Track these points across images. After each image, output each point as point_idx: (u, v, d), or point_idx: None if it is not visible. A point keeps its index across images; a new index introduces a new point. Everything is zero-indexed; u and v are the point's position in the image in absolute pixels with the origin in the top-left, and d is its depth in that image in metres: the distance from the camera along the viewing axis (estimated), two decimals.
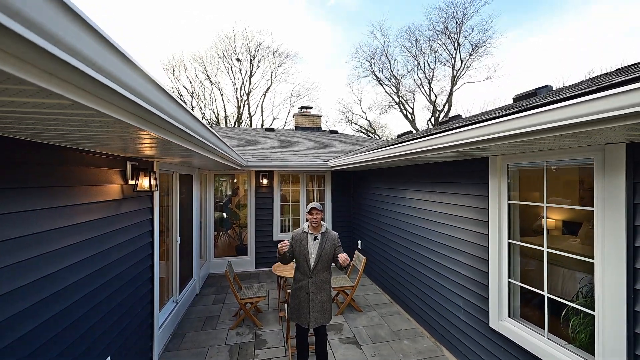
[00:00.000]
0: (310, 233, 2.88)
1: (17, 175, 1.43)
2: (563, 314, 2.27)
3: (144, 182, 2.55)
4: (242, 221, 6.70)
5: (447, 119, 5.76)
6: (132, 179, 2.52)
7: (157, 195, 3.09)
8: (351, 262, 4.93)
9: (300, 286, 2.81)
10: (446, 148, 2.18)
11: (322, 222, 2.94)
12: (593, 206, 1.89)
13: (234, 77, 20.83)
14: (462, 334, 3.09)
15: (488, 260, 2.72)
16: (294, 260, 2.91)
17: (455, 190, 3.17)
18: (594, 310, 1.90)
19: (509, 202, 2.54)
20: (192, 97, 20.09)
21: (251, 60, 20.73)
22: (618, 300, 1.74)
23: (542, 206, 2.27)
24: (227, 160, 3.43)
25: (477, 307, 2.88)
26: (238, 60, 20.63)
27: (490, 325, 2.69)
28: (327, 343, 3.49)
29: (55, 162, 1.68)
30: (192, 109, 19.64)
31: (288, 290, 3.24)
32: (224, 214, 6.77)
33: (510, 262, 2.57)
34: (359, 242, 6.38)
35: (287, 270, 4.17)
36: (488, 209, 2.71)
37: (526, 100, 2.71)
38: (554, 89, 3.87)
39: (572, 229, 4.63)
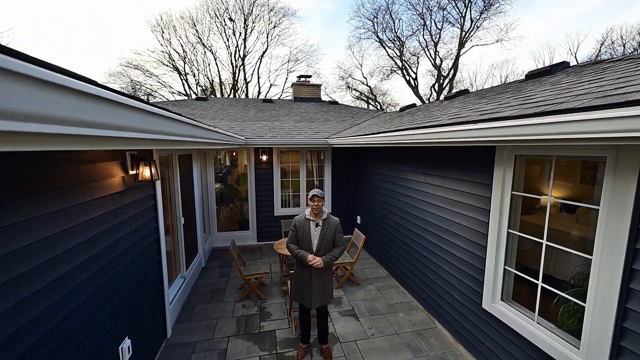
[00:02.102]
0: (312, 220, 2.92)
1: (17, 182, 1.39)
2: (555, 301, 2.38)
3: (145, 172, 2.51)
4: (242, 195, 6.75)
5: (454, 93, 5.55)
6: (132, 169, 2.47)
7: (158, 182, 3.05)
8: (350, 239, 5.08)
9: (304, 270, 2.92)
10: (450, 142, 2.12)
11: (323, 209, 2.95)
12: (599, 205, 1.89)
13: (228, 40, 19.57)
14: (455, 311, 3.28)
15: (486, 247, 2.79)
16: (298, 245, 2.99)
17: (458, 176, 3.14)
18: (585, 302, 1.99)
19: (513, 192, 2.53)
20: (185, 62, 19.04)
21: (245, 20, 19.29)
22: (611, 296, 1.82)
23: (547, 199, 2.27)
24: (227, 145, 3.35)
25: (471, 289, 3.03)
26: (231, 20, 19.19)
27: (482, 306, 2.85)
28: (328, 316, 3.71)
29: (55, 163, 1.63)
30: (186, 76, 18.69)
31: (291, 271, 3.37)
32: (225, 188, 6.80)
33: (508, 250, 2.64)
34: (358, 217, 6.50)
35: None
36: (490, 197, 2.71)
37: (540, 83, 2.58)
38: (571, 65, 3.67)
39: (569, 206, 4.72)
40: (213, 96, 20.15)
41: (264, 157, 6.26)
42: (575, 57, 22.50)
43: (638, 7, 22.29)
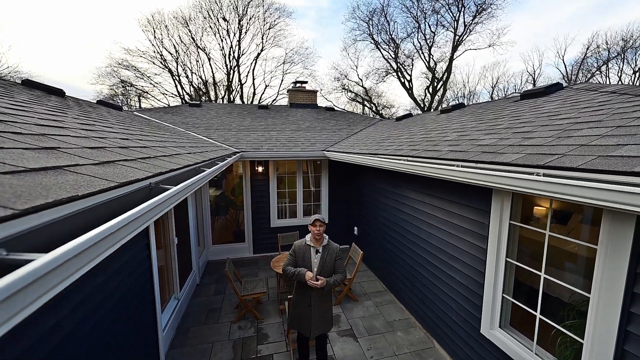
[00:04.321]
0: (312, 246, 2.88)
1: None
2: (552, 333, 2.39)
3: None
4: (238, 204, 6.66)
5: (450, 107, 5.56)
6: None
7: None
8: (348, 255, 5.06)
9: (302, 298, 2.88)
10: (449, 179, 2.10)
11: (324, 235, 2.92)
12: (597, 243, 1.89)
13: (222, 41, 19.33)
14: (453, 333, 3.29)
15: (484, 273, 2.79)
16: None
17: (457, 199, 3.14)
18: (583, 338, 2.00)
19: (511, 222, 2.53)
20: (177, 62, 18.75)
21: (239, 20, 19.08)
22: (608, 336, 1.82)
23: (545, 233, 2.27)
24: (225, 166, 3.29)
25: (469, 313, 3.03)
26: (225, 19, 18.97)
27: (481, 331, 2.85)
28: (327, 341, 3.68)
29: None
30: (179, 78, 18.37)
31: (289, 296, 3.33)
32: (219, 197, 6.72)
33: (506, 278, 2.64)
34: (355, 228, 6.49)
35: None
36: (489, 224, 2.71)
37: (537, 109, 2.57)
38: (564, 86, 3.70)
39: (561, 217, 4.77)
40: (206, 97, 19.89)
41: (260, 169, 6.19)
42: (563, 59, 23.04)
43: (623, 10, 22.82)
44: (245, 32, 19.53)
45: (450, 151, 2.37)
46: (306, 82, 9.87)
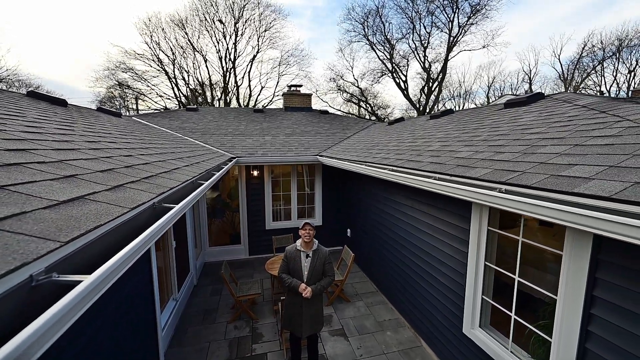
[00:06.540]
0: (302, 251, 3.04)
1: None
2: (526, 332, 2.57)
3: None
4: (234, 206, 6.79)
5: (439, 112, 5.75)
6: None
7: None
8: (340, 257, 5.23)
9: (294, 300, 3.04)
10: (430, 190, 2.27)
11: (314, 239, 3.07)
12: (562, 250, 2.07)
13: (218, 43, 19.40)
14: (439, 332, 3.46)
15: (466, 276, 2.97)
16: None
17: (442, 206, 3.31)
18: (551, 338, 2.18)
19: (489, 228, 2.71)
20: (174, 64, 18.78)
21: (235, 23, 19.16)
22: (572, 335, 2.00)
23: (518, 240, 2.45)
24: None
25: (452, 313, 3.21)
26: (220, 22, 19.04)
27: (463, 331, 3.03)
28: (318, 340, 3.84)
29: None
30: (175, 80, 18.38)
31: (282, 298, 3.48)
32: (215, 199, 6.85)
33: (485, 281, 2.82)
34: (348, 230, 6.65)
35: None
36: (469, 230, 2.89)
37: (515, 120, 2.75)
38: (545, 95, 3.90)
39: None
40: (202, 98, 19.96)
41: (255, 173, 6.33)
42: (559, 58, 23.44)
43: (618, 10, 23.27)
44: (242, 35, 19.64)
45: (431, 163, 2.54)
46: (301, 86, 10.03)
